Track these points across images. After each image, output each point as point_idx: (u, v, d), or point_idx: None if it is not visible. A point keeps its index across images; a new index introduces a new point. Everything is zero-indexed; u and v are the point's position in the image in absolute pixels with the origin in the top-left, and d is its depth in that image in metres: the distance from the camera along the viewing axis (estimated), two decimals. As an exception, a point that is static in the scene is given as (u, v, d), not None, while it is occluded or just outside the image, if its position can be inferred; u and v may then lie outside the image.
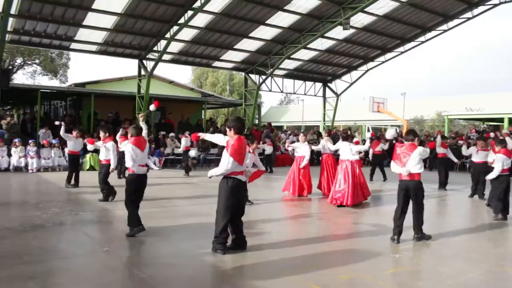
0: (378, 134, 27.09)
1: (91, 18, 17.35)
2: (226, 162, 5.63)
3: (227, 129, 5.85)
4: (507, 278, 5.21)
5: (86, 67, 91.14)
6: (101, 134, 10.06)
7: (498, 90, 64.83)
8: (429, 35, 23.76)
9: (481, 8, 21.52)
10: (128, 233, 6.62)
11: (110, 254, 5.75)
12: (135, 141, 6.76)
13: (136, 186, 6.77)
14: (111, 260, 5.51)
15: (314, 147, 12.20)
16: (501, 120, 26.21)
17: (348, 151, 10.21)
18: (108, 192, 9.77)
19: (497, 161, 8.73)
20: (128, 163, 6.66)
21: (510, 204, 8.88)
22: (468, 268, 5.41)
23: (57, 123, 12.46)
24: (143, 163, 6.88)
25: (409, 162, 6.55)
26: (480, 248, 6.56)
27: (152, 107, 8.53)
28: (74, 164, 12.21)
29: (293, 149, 12.13)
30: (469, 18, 22.13)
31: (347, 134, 11.47)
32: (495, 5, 21.08)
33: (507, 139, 9.52)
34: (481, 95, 41.27)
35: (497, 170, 8.69)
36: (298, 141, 12.49)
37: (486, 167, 10.81)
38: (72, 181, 11.99)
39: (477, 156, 11.61)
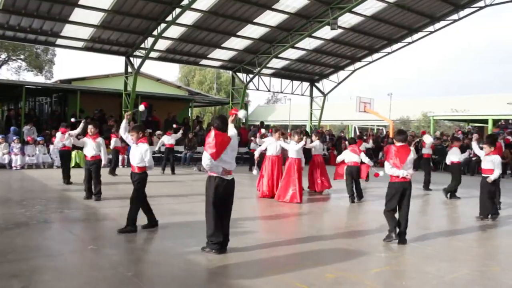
0: (364, 134, 27.28)
1: (77, 14, 17.19)
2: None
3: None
4: (493, 277, 5.27)
5: (72, 64, 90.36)
6: (93, 130, 9.89)
7: (483, 92, 65.66)
8: (416, 36, 23.95)
9: (467, 11, 21.75)
10: (122, 229, 6.73)
11: (95, 252, 5.70)
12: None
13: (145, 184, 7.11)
14: (96, 258, 5.47)
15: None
16: (485, 121, 26.53)
17: None
18: (92, 190, 9.65)
19: (497, 163, 8.71)
20: (150, 162, 7.13)
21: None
22: (454, 268, 5.46)
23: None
24: None
25: (407, 164, 6.50)
26: (465, 247, 6.63)
27: (141, 108, 8.48)
28: (66, 160, 12.23)
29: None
30: (455, 20, 22.36)
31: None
32: (481, 8, 21.31)
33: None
34: (466, 97, 41.80)
35: (499, 172, 8.69)
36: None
37: (459, 167, 11.94)
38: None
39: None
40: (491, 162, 8.63)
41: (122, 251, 5.88)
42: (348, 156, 10.80)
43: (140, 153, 7.03)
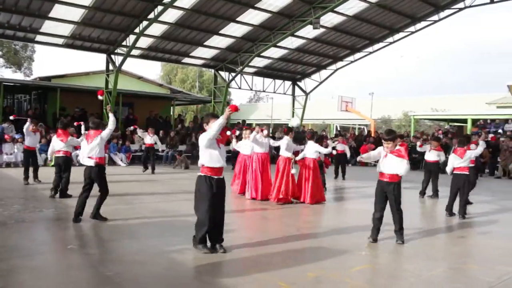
0: (343, 133, 27.48)
1: (57, 10, 16.96)
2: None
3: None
4: (468, 274, 5.36)
5: (52, 61, 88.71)
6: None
7: (463, 92, 66.60)
8: (397, 36, 24.21)
9: (447, 12, 22.07)
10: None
11: (75, 251, 5.64)
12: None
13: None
14: (76, 258, 5.41)
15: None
16: (465, 121, 26.92)
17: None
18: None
19: (449, 158, 9.16)
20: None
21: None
22: (431, 266, 5.54)
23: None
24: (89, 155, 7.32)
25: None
26: (442, 246, 6.74)
27: (99, 97, 8.54)
28: (30, 160, 11.75)
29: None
30: (435, 21, 22.70)
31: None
32: (461, 9, 21.65)
33: (481, 143, 9.79)
34: (446, 97, 42.36)
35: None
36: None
37: (438, 166, 11.81)
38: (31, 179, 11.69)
39: (429, 155, 11.87)
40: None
41: (103, 250, 5.83)
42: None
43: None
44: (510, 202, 11.68)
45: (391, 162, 6.52)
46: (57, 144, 9.81)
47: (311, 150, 10.23)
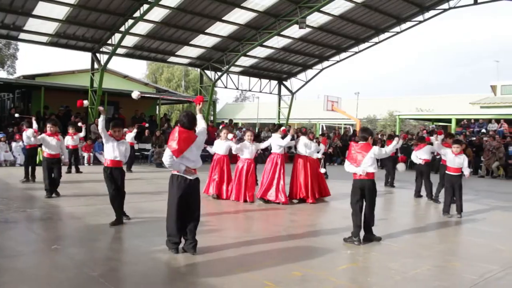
0: (325, 133, 27.58)
1: (41, 8, 16.76)
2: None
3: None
4: (453, 272, 5.41)
5: (36, 59, 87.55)
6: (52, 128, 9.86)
7: (447, 92, 67.28)
8: (382, 36, 24.38)
9: (432, 12, 22.28)
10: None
11: (59, 252, 5.57)
12: None
13: None
14: (60, 259, 5.34)
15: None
16: (449, 120, 27.19)
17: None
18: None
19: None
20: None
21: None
22: (416, 264, 5.58)
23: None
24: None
25: (365, 161, 6.45)
26: (427, 244, 6.78)
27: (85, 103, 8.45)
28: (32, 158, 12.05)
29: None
30: (420, 21, 22.91)
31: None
32: (445, 10, 21.86)
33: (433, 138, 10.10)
34: (431, 96, 42.75)
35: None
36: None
37: (428, 166, 11.71)
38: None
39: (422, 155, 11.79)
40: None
41: (87, 250, 5.76)
42: None
43: None
44: (493, 200, 11.84)
45: None
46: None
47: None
